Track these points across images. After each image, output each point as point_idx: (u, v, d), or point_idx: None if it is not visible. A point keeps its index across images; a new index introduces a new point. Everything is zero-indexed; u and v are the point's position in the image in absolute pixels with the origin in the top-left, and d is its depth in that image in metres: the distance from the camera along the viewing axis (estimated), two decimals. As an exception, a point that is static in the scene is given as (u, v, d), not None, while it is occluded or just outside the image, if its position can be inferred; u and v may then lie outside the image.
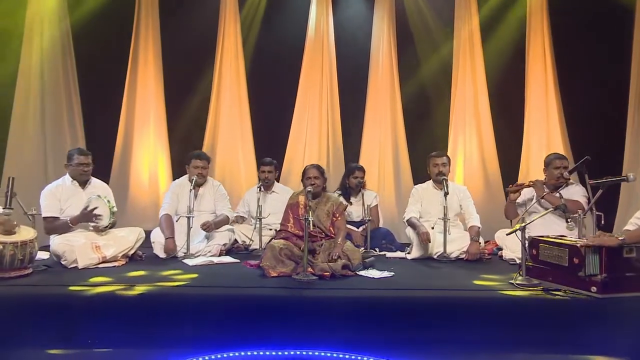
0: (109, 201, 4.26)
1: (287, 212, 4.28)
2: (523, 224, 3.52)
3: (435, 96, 6.66)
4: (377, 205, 5.28)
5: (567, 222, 3.60)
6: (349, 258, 3.87)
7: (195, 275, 3.75)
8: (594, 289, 3.14)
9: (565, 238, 3.53)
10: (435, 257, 4.48)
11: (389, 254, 4.74)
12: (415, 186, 5.05)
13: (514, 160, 6.43)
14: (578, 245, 3.26)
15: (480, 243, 4.49)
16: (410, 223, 4.62)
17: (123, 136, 6.41)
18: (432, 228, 4.58)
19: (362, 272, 3.85)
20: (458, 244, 4.48)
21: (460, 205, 4.79)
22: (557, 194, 4.46)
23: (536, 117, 6.46)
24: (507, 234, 3.88)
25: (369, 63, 6.61)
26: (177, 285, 3.43)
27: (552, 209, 3.92)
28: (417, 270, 4.10)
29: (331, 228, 4.20)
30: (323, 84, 6.56)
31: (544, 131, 6.44)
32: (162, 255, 4.48)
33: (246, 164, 6.57)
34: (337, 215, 4.23)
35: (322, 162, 6.40)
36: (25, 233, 3.72)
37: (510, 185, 4.54)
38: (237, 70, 6.59)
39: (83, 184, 4.40)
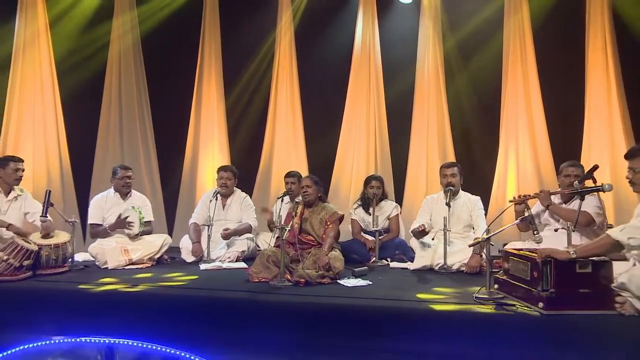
0: (140, 212, 4.87)
1: (285, 220, 4.54)
2: (487, 236, 3.42)
3: (484, 102, 6.46)
4: (397, 215, 5.30)
5: (533, 234, 3.40)
6: (330, 266, 4.02)
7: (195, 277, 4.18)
8: (540, 304, 2.98)
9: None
10: (436, 268, 4.43)
11: (392, 264, 4.77)
12: (427, 197, 5.01)
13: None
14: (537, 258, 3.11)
15: (482, 256, 4.33)
16: (413, 233, 4.62)
17: (191, 151, 7.10)
18: (432, 239, 4.53)
19: (342, 281, 3.97)
20: (460, 256, 4.38)
21: (471, 216, 4.66)
22: (571, 205, 4.21)
23: (597, 121, 5.99)
24: (469, 246, 3.75)
25: (415, 71, 6.63)
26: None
27: (517, 221, 3.71)
28: (403, 280, 4.09)
29: (324, 236, 4.38)
30: (370, 93, 6.71)
31: (607, 137, 5.93)
32: (189, 259, 5.00)
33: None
34: (329, 223, 4.40)
35: (369, 171, 6.56)
36: (61, 237, 4.45)
37: (514, 197, 4.33)
38: (291, 84, 6.97)
39: (124, 195, 5.09)
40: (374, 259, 4.86)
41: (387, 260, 4.89)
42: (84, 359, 2.78)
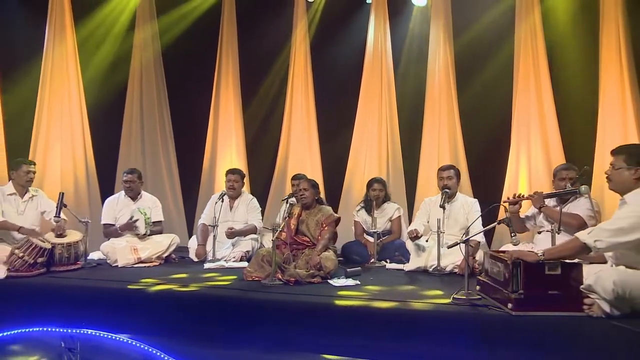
0: (145, 213, 5.12)
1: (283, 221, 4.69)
2: (466, 238, 3.47)
3: (495, 103, 6.40)
4: (399, 217, 5.38)
5: (511, 236, 3.42)
6: (321, 266, 4.14)
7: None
8: (510, 305, 3.02)
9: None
10: (430, 269, 4.48)
11: (389, 265, 4.85)
12: (426, 199, 5.06)
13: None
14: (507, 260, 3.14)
15: (475, 258, 4.35)
16: (409, 237, 4.68)
17: (210, 155, 7.34)
18: (427, 241, 4.58)
19: (332, 281, 4.08)
20: (453, 258, 4.40)
21: (468, 219, 4.68)
22: (565, 207, 4.18)
23: (610, 122, 5.82)
24: (448, 247, 3.77)
25: (426, 74, 6.66)
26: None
27: (496, 223, 3.71)
28: (391, 281, 4.15)
29: (319, 238, 4.50)
30: (382, 96, 6.77)
31: (620, 139, 5.69)
32: (195, 259, 5.22)
33: (314, 178, 7.02)
34: (325, 225, 4.52)
35: (382, 173, 6.61)
36: (73, 236, 4.74)
37: (508, 197, 4.33)
38: (306, 89, 7.11)
39: (133, 197, 5.36)
40: (372, 260, 4.95)
41: (387, 262, 4.96)
42: (48, 348, 3.00)
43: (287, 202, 5.52)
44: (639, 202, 2.90)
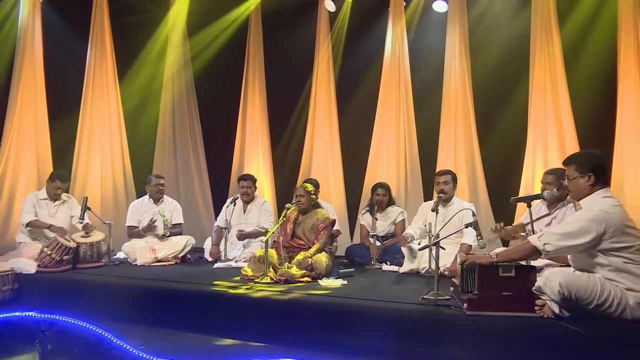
0: (164, 215, 5.53)
1: (281, 224, 4.94)
2: (436, 240, 3.59)
3: (511, 111, 6.40)
4: (403, 220, 5.51)
5: (478, 240, 3.51)
6: (312, 267, 4.37)
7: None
8: (465, 305, 3.13)
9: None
10: (422, 272, 4.61)
11: (385, 267, 5.00)
12: (424, 203, 5.18)
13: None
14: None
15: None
16: (400, 242, 4.83)
17: (238, 163, 7.77)
18: (419, 244, 4.70)
19: (321, 280, 4.30)
20: (443, 261, 4.44)
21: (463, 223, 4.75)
22: (554, 212, 4.21)
23: (629, 124, 5.72)
24: (419, 250, 3.87)
25: (442, 80, 6.76)
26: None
27: (463, 226, 3.78)
28: (377, 282, 4.34)
29: (315, 241, 4.73)
30: (400, 103, 6.94)
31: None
32: (209, 258, 5.59)
33: (335, 182, 7.30)
34: (321, 230, 4.74)
35: (400, 178, 6.83)
36: (97, 236, 5.21)
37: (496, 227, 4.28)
38: (329, 99, 7.43)
39: (157, 201, 5.80)
40: (372, 262, 5.12)
41: (387, 264, 5.12)
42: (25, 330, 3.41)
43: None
44: (590, 207, 2.94)
